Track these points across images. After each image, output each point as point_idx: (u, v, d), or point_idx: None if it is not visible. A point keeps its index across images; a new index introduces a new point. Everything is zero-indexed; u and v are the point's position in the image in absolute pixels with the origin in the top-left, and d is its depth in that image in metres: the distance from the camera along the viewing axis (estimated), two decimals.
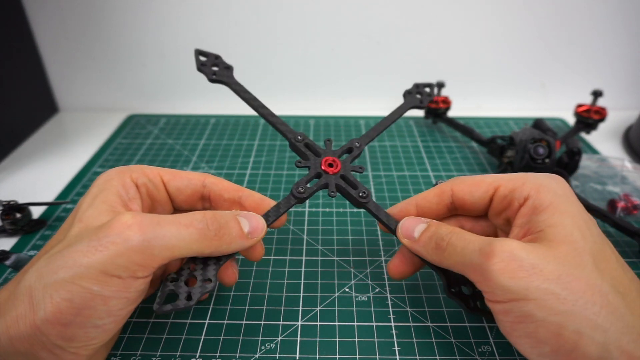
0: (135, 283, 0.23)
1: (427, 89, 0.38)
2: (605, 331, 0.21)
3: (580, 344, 0.21)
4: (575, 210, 0.25)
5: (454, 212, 0.31)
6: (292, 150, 0.33)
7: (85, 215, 0.25)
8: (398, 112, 0.36)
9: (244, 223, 0.27)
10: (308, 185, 0.31)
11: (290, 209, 0.32)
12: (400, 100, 0.37)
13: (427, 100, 0.37)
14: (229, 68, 0.34)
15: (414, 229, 0.29)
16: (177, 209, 0.31)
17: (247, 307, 0.32)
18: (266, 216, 0.29)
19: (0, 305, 0.22)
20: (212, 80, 0.34)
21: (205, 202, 0.31)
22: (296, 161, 0.32)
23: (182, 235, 0.24)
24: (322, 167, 0.32)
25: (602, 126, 0.55)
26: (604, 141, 0.57)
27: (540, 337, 0.22)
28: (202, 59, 0.34)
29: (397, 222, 0.30)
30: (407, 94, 0.37)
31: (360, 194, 0.31)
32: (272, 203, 0.30)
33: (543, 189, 0.26)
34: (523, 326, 0.23)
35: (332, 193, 0.31)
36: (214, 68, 0.34)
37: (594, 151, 0.54)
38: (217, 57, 0.35)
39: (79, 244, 0.23)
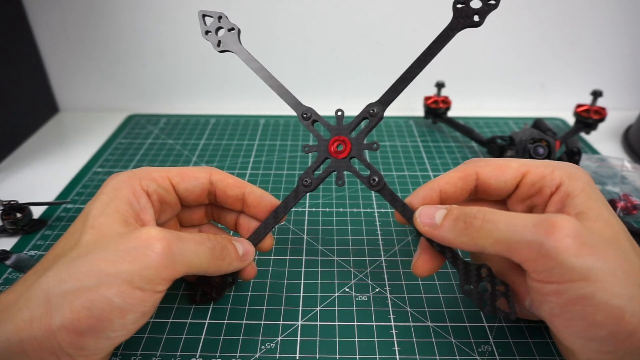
0: (153, 297, 0.23)
1: None
2: None
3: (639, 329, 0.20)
4: (602, 199, 0.25)
5: (473, 196, 0.30)
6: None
7: (98, 222, 0.24)
8: (440, 44, 0.27)
9: (239, 246, 0.29)
10: (315, 174, 0.30)
11: (291, 209, 0.32)
12: (398, 101, 0.31)
13: (490, 8, 0.27)
14: (233, 29, 0.31)
15: (433, 214, 0.27)
16: (184, 206, 0.32)
17: (247, 307, 0.32)
18: (256, 234, 0.31)
19: (8, 306, 0.22)
20: (220, 51, 0.31)
21: (211, 197, 0.31)
22: (303, 146, 0.30)
23: (198, 252, 0.25)
24: (330, 151, 0.29)
25: (601, 126, 0.55)
26: (604, 141, 0.57)
27: (597, 320, 0.21)
28: (208, 20, 0.31)
29: (414, 212, 0.28)
30: (456, 3, 0.28)
31: (371, 181, 0.29)
32: (272, 199, 0.31)
33: (573, 176, 0.26)
34: (578, 308, 0.21)
35: (340, 182, 0.29)
36: (220, 33, 0.31)
37: (593, 151, 0.54)
38: (221, 16, 0.31)
39: (105, 252, 0.22)
